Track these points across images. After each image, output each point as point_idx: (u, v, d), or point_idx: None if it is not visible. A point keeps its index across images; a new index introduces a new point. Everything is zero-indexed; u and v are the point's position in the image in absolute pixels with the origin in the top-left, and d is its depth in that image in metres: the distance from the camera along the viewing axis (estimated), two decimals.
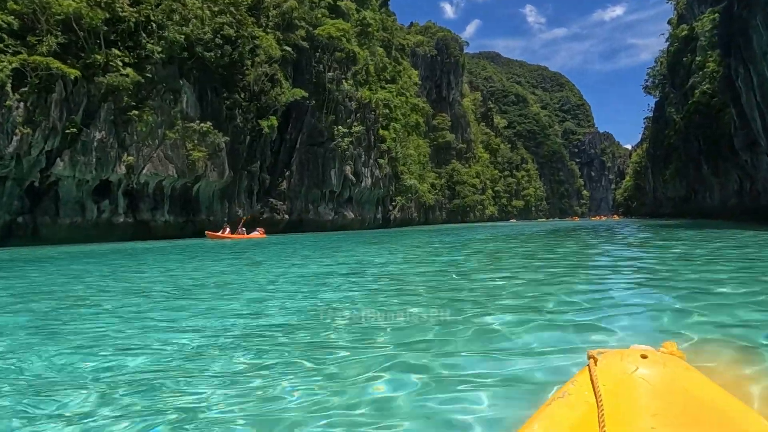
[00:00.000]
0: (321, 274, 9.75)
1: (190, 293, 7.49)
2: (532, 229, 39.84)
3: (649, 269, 9.07)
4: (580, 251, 14.13)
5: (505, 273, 8.83)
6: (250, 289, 7.89)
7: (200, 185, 40.90)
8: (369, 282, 8.32)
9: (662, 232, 20.37)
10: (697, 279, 7.11)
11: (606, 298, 5.76)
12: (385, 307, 5.57)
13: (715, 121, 44.71)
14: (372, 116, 57.41)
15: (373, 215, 60.19)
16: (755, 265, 8.79)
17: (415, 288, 7.42)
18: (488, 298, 5.98)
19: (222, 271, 11.10)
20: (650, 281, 7.32)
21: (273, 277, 9.41)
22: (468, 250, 15.62)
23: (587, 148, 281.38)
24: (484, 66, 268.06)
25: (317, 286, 7.80)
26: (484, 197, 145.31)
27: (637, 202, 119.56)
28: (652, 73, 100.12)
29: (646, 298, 5.76)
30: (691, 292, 5.88)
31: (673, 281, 7.17)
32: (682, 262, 9.87)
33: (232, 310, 5.74)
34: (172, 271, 11.64)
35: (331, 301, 6.30)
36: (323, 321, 4.98)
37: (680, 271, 8.22)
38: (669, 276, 7.82)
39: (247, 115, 44.32)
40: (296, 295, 6.87)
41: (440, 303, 5.71)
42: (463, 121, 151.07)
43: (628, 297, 5.85)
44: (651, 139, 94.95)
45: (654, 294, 6.07)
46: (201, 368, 3.43)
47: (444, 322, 4.61)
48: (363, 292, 7.14)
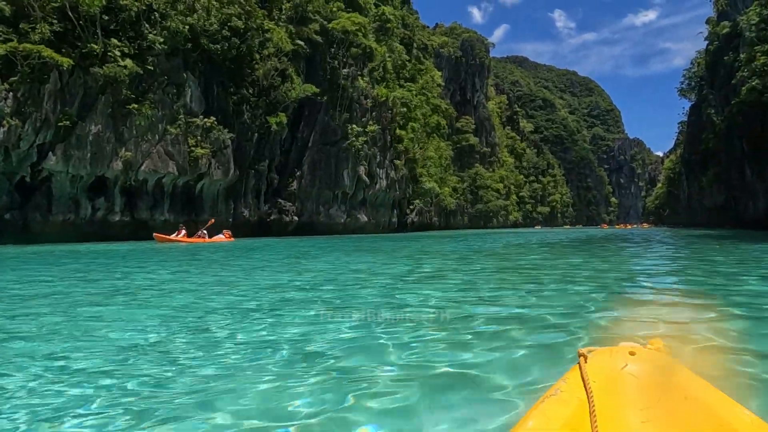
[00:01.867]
0: (240, 298, 6.91)
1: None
2: (558, 236, 36.62)
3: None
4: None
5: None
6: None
7: (203, 184, 39.06)
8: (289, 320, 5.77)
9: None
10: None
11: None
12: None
13: (761, 122, 40.76)
14: (389, 115, 54.92)
15: (388, 219, 57.59)
16: None
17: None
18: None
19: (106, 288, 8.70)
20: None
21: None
22: (488, 265, 12.84)
23: (616, 155, 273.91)
24: (511, 70, 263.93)
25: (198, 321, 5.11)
26: (508, 203, 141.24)
27: (669, 210, 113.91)
28: (688, 75, 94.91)
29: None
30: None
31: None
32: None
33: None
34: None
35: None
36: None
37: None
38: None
39: (256, 111, 42.38)
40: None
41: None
42: (488, 124, 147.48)
43: None
44: (686, 144, 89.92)
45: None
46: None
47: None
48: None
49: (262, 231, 44.02)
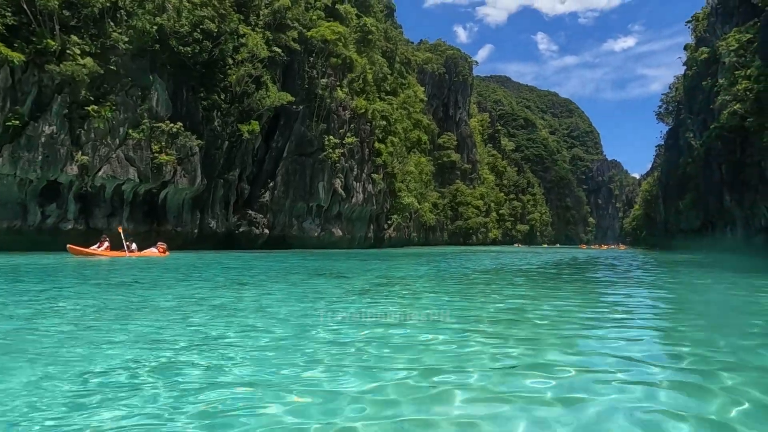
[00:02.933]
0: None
1: None
2: (540, 258, 35.40)
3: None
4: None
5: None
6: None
7: (168, 192, 36.97)
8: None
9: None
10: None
11: None
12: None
13: (741, 148, 40.57)
14: (367, 128, 53.63)
15: (364, 233, 55.97)
16: None
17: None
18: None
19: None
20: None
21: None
22: (465, 295, 11.31)
23: (595, 176, 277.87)
24: (494, 89, 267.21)
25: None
26: (488, 220, 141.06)
27: (646, 232, 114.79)
28: (666, 99, 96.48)
29: None
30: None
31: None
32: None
33: None
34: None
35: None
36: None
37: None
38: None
39: (227, 119, 40.60)
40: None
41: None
42: (470, 141, 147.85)
43: None
44: (663, 168, 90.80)
45: None
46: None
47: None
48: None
49: (230, 244, 41.97)
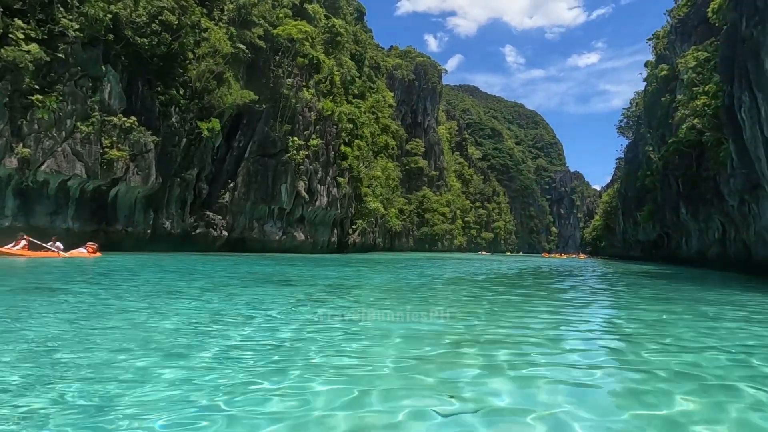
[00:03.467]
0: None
1: None
2: (502, 266, 35.19)
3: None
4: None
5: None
6: None
7: (119, 190, 34.98)
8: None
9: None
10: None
11: None
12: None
13: (697, 163, 41.70)
14: (333, 130, 52.67)
15: (327, 238, 54.82)
16: None
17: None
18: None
19: None
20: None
21: None
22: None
23: (558, 186, 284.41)
24: (462, 98, 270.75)
25: None
26: (454, 227, 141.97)
27: (605, 242, 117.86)
28: (626, 114, 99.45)
29: None
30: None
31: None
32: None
33: None
34: None
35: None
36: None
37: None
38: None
39: (186, 115, 38.92)
40: None
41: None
42: (437, 148, 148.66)
43: None
44: (623, 180, 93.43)
45: None
46: None
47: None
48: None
49: (187, 246, 40.17)
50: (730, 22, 23.99)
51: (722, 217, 35.98)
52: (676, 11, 62.90)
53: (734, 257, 33.85)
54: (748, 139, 22.21)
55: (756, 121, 21.18)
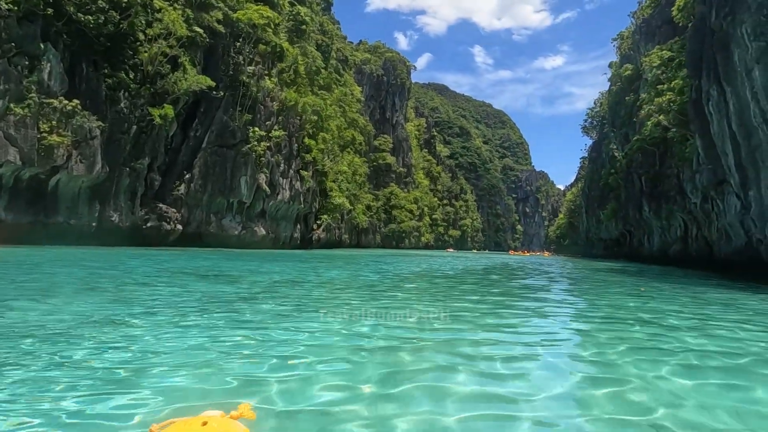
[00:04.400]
0: None
1: None
2: (467, 263, 34.31)
3: None
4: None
5: None
6: None
7: (59, 179, 32.32)
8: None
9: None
10: None
11: None
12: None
13: (660, 161, 41.99)
14: (297, 121, 50.77)
15: (290, 233, 52.90)
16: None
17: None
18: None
19: None
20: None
21: None
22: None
23: (524, 185, 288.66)
24: (431, 97, 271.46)
25: None
26: (421, 224, 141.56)
27: (569, 240, 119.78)
28: (591, 114, 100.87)
29: None
30: None
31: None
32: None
33: None
34: None
35: None
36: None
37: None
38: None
39: (136, 100, 36.42)
40: None
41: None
42: (405, 144, 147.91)
43: None
44: (587, 179, 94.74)
45: None
46: None
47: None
48: None
49: (137, 240, 37.68)
50: (698, 15, 23.63)
51: (684, 215, 36.16)
52: (640, 12, 63.82)
53: (696, 255, 34.01)
54: (715, 134, 21.86)
55: (724, 116, 20.80)
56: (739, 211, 21.33)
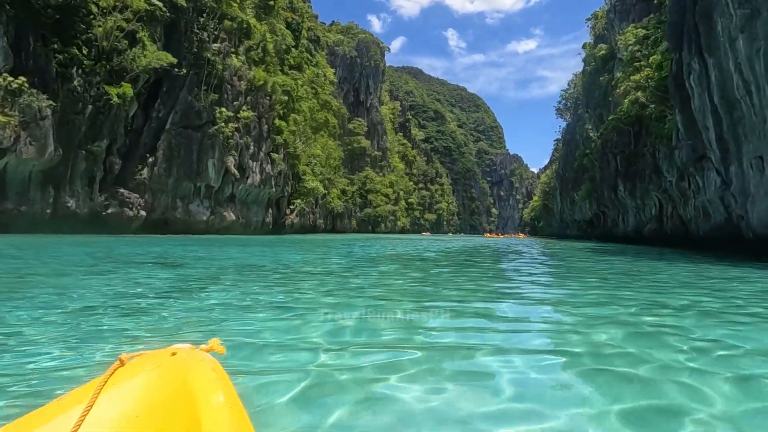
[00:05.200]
0: None
1: None
2: (446, 245, 33.47)
3: None
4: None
5: None
6: None
7: (7, 162, 30.02)
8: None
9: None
10: None
11: None
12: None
13: (635, 140, 41.83)
14: (266, 102, 48.77)
15: (261, 218, 51.21)
16: None
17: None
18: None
19: None
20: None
21: None
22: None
23: (498, 169, 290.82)
24: (406, 80, 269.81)
25: None
26: (397, 208, 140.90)
27: (543, 222, 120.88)
28: (565, 96, 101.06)
29: None
30: None
31: None
32: None
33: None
34: None
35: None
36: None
37: None
38: None
39: (91, 78, 34.06)
40: None
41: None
42: (380, 128, 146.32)
43: None
44: (561, 161, 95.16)
45: None
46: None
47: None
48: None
49: (97, 227, 35.61)
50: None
51: (660, 194, 36.06)
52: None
53: (671, 233, 33.99)
54: (696, 108, 21.29)
55: (705, 89, 20.20)
56: (719, 187, 20.91)
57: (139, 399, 1.23)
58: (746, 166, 18.69)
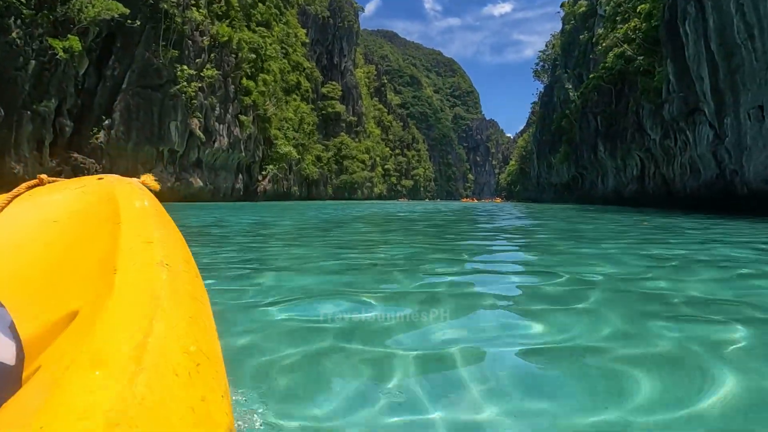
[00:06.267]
0: None
1: None
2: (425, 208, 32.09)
3: None
4: None
5: None
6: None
7: None
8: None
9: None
10: None
11: None
12: None
13: (616, 98, 40.70)
14: (232, 60, 45.66)
15: (231, 185, 48.82)
16: None
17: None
18: None
19: None
20: None
21: None
22: None
23: (474, 134, 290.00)
24: (381, 44, 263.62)
25: None
26: (374, 174, 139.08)
27: (520, 186, 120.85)
28: (543, 57, 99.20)
29: None
30: None
31: None
32: None
33: None
34: None
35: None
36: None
37: None
38: None
39: (32, 30, 30.76)
40: None
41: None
42: (355, 92, 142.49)
43: None
44: (538, 124, 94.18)
45: None
46: None
47: None
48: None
49: None
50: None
51: (642, 153, 35.23)
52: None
53: (653, 193, 33.33)
54: (690, 57, 19.94)
55: (701, 35, 18.81)
56: (711, 141, 19.84)
57: (59, 207, 1.14)
58: (743, 118, 17.57)
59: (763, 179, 16.41)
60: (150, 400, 0.51)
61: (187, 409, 0.53)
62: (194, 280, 0.87)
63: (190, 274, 0.88)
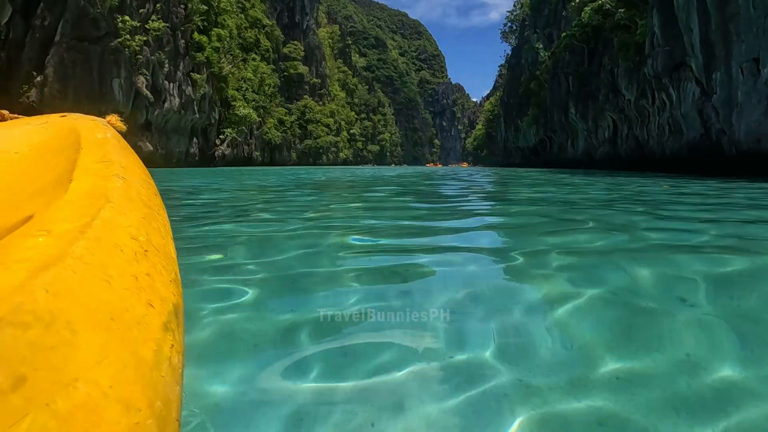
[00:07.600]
0: None
1: None
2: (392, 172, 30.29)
3: None
4: None
5: None
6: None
7: None
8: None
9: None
10: None
11: None
12: None
13: (589, 57, 39.43)
14: (181, 11, 41.66)
15: (185, 149, 45.50)
16: None
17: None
18: None
19: None
20: None
21: None
22: None
23: (440, 98, 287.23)
24: (344, 4, 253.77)
25: None
26: (339, 139, 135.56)
27: (486, 151, 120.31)
28: (510, 18, 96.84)
29: None
30: None
31: None
32: None
33: None
34: None
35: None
36: None
37: None
38: None
39: None
40: None
41: None
42: (318, 53, 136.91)
43: None
44: (506, 87, 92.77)
45: None
46: None
47: None
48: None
49: None
50: None
51: (615, 115, 34.28)
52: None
53: (625, 156, 32.56)
54: (678, 6, 18.47)
55: None
56: (698, 98, 18.66)
57: (20, 139, 1.12)
58: (735, 72, 16.35)
59: (756, 138, 15.35)
60: (89, 259, 0.51)
61: (129, 277, 0.53)
62: (152, 197, 0.88)
63: (148, 190, 0.88)
